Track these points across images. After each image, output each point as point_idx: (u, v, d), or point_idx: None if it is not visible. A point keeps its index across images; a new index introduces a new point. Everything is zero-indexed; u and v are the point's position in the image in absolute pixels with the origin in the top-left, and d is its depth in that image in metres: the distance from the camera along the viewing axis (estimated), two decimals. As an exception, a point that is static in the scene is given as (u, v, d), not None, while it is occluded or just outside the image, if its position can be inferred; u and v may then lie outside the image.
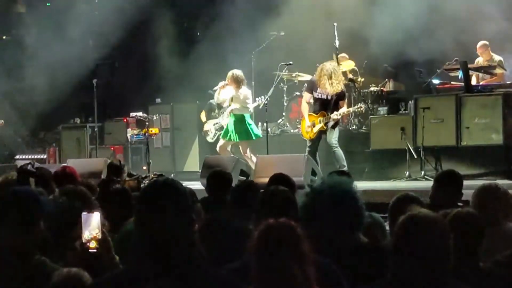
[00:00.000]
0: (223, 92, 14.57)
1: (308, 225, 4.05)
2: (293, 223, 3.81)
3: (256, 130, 14.72)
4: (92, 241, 4.03)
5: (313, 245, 3.57)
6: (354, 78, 16.27)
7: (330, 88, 13.23)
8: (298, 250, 3.61)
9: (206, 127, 15.61)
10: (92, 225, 4.04)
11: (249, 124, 14.50)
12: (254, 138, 14.52)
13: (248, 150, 14.44)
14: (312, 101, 13.75)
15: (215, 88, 14.74)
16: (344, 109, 13.52)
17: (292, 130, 16.76)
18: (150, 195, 3.23)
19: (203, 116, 15.72)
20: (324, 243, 4.12)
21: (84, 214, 4.05)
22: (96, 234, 4.04)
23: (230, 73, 14.34)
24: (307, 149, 13.58)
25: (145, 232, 3.14)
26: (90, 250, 4.03)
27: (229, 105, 14.49)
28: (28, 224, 4.37)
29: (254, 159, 13.95)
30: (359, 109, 14.47)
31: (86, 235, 4.03)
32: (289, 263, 3.57)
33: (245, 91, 14.48)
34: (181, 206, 3.17)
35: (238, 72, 14.37)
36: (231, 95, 14.37)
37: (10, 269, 4.24)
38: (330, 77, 13.26)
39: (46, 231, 4.49)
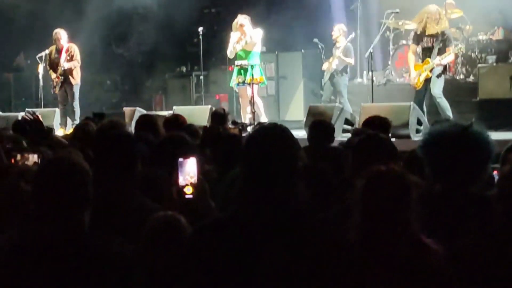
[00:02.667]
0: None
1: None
2: (403, 171, 3.76)
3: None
4: (188, 187, 4.04)
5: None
6: (462, 26, 15.89)
7: (433, 29, 12.95)
8: (405, 199, 3.57)
9: None
10: (188, 171, 4.05)
11: None
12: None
13: None
14: (418, 50, 13.50)
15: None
16: (448, 57, 13.16)
17: (398, 79, 16.55)
18: (258, 139, 3.21)
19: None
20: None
21: (180, 160, 4.07)
22: (192, 180, 4.05)
23: None
24: (415, 98, 13.37)
25: (251, 177, 3.14)
26: (186, 196, 4.05)
27: None
28: (125, 165, 4.51)
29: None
30: (459, 50, 14.00)
31: (182, 180, 4.05)
32: (395, 211, 3.54)
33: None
34: (288, 152, 3.15)
35: None
36: None
37: (112, 208, 4.38)
38: (433, 19, 12.96)
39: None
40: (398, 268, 3.50)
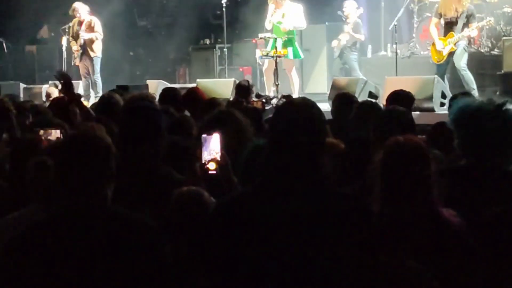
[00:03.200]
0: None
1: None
2: (422, 142, 3.77)
3: None
4: (211, 163, 4.08)
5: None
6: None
7: (457, 5, 12.89)
8: (425, 169, 3.58)
9: None
10: (212, 147, 4.08)
11: None
12: None
13: None
14: (441, 24, 13.42)
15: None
16: (472, 31, 13.07)
17: (422, 52, 16.45)
18: (284, 113, 3.22)
19: None
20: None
21: (204, 136, 4.10)
22: (216, 156, 4.08)
23: None
24: (436, 71, 13.32)
25: (277, 148, 3.15)
26: (209, 172, 4.08)
27: None
28: (151, 136, 4.54)
29: None
30: (488, 23, 13.90)
31: (206, 156, 4.08)
32: (416, 180, 3.55)
33: None
34: (315, 125, 3.16)
35: None
36: None
37: (138, 179, 4.41)
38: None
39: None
40: (418, 239, 3.51)
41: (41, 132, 5.60)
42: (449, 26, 13.13)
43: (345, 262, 2.98)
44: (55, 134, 5.58)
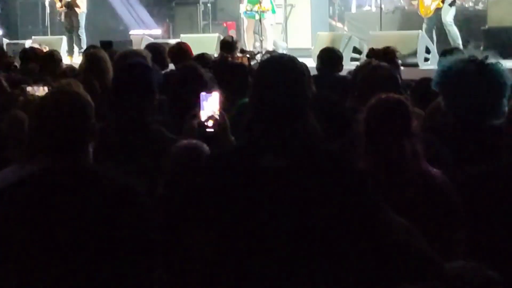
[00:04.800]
0: None
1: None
2: (403, 98, 3.80)
3: None
4: (210, 120, 4.08)
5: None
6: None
7: None
8: (408, 125, 3.62)
9: None
10: (211, 105, 4.09)
11: None
12: None
13: None
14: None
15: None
16: None
17: (406, 7, 16.43)
18: (268, 70, 3.22)
19: None
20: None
21: (202, 94, 4.10)
22: (214, 114, 4.09)
23: None
24: (424, 26, 13.30)
25: (261, 107, 3.16)
26: (207, 130, 4.08)
27: None
28: (144, 93, 4.54)
29: None
30: None
31: (204, 114, 4.08)
32: (399, 137, 3.59)
33: None
34: (299, 81, 3.16)
35: None
36: None
37: (129, 136, 4.43)
38: None
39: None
40: (404, 196, 3.55)
41: (28, 89, 5.57)
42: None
43: (334, 221, 3.01)
44: (42, 90, 5.55)
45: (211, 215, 3.12)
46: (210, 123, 4.08)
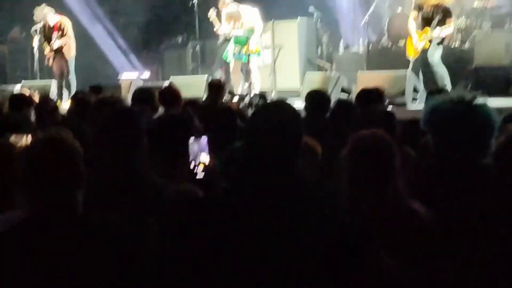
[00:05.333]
0: None
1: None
2: (387, 135, 3.82)
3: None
4: (199, 166, 4.08)
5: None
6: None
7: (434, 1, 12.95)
8: (389, 161, 3.63)
9: None
10: (200, 150, 4.09)
11: None
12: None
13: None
14: (418, 19, 13.46)
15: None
16: (448, 29, 13.11)
17: (394, 47, 16.53)
18: (261, 117, 3.26)
19: None
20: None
21: (191, 139, 4.11)
22: (204, 159, 4.09)
23: None
24: (410, 65, 13.38)
25: (252, 153, 3.19)
26: (197, 175, 4.08)
27: None
28: (133, 139, 4.52)
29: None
30: (459, 25, 14.00)
31: (193, 160, 4.08)
32: (381, 175, 3.60)
33: None
34: (290, 129, 3.20)
35: None
36: None
37: (119, 181, 4.41)
38: None
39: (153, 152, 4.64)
40: (387, 231, 3.56)
41: (13, 137, 5.56)
42: (426, 21, 13.14)
43: (321, 262, 3.03)
44: (26, 139, 5.54)
45: (203, 258, 3.13)
46: (199, 168, 4.08)
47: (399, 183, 3.64)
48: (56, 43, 15.81)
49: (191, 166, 4.09)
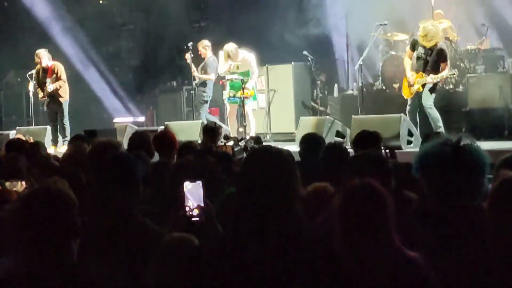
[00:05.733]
0: None
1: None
2: (377, 185, 3.80)
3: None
4: (195, 210, 4.06)
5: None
6: (451, 36, 15.94)
7: (427, 43, 12.99)
8: (382, 211, 3.62)
9: None
10: (195, 195, 4.07)
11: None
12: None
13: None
14: (413, 59, 13.48)
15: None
16: (441, 74, 13.13)
17: (388, 90, 16.60)
18: (255, 163, 3.26)
19: None
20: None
21: (186, 183, 4.09)
22: (199, 203, 4.06)
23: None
24: (408, 107, 13.37)
25: (247, 198, 3.18)
26: (193, 219, 4.05)
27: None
28: (128, 185, 4.52)
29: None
30: (452, 76, 14.03)
31: (189, 204, 4.06)
32: (373, 225, 3.58)
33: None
34: (285, 174, 3.20)
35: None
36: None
37: (113, 228, 4.39)
38: (426, 35, 13.00)
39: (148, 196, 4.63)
40: (381, 279, 3.54)
41: (7, 184, 5.57)
42: (420, 62, 13.18)
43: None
44: (21, 185, 5.56)
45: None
46: (195, 212, 4.06)
47: (394, 233, 3.62)
48: (50, 87, 15.85)
49: (186, 210, 4.06)
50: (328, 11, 18.10)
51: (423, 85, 13.00)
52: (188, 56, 15.99)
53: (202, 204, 4.06)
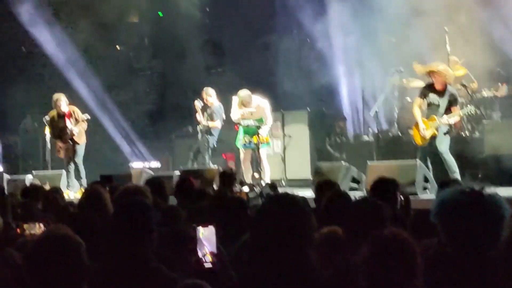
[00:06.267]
0: None
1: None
2: (407, 236, 3.78)
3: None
4: (207, 256, 4.02)
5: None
6: (467, 84, 15.91)
7: (440, 85, 13.00)
8: (411, 264, 3.59)
9: None
10: (207, 240, 4.04)
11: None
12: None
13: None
14: (424, 106, 13.49)
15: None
16: (455, 116, 13.14)
17: (404, 136, 16.58)
18: (270, 211, 3.25)
19: None
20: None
21: (198, 228, 4.07)
22: (212, 249, 4.03)
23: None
24: (418, 154, 13.36)
25: (261, 246, 3.17)
26: (205, 265, 4.02)
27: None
28: (143, 232, 4.53)
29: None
30: (469, 112, 13.98)
31: (201, 249, 4.03)
32: (402, 277, 3.55)
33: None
34: (300, 223, 3.19)
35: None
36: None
37: (128, 275, 4.38)
38: (442, 75, 13.02)
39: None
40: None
41: (25, 226, 5.60)
42: (432, 108, 13.17)
43: None
44: (39, 227, 5.58)
45: None
46: (207, 258, 4.02)
47: (419, 283, 3.59)
48: (75, 130, 15.94)
49: (199, 256, 4.03)
50: (343, 57, 18.15)
51: (437, 129, 12.98)
52: (197, 103, 16.09)
53: (215, 251, 4.03)
